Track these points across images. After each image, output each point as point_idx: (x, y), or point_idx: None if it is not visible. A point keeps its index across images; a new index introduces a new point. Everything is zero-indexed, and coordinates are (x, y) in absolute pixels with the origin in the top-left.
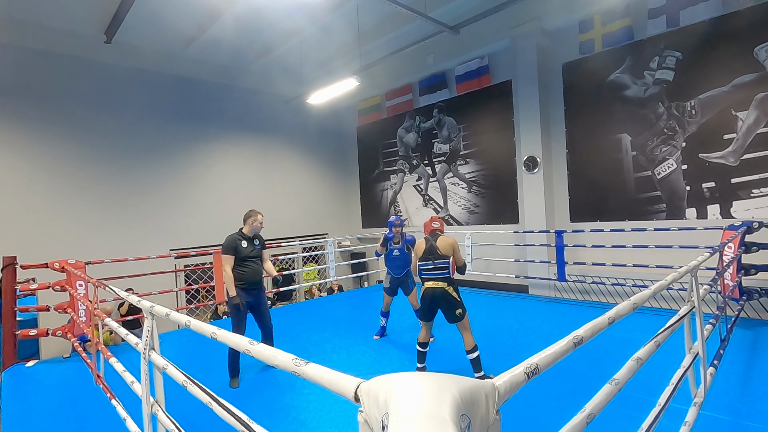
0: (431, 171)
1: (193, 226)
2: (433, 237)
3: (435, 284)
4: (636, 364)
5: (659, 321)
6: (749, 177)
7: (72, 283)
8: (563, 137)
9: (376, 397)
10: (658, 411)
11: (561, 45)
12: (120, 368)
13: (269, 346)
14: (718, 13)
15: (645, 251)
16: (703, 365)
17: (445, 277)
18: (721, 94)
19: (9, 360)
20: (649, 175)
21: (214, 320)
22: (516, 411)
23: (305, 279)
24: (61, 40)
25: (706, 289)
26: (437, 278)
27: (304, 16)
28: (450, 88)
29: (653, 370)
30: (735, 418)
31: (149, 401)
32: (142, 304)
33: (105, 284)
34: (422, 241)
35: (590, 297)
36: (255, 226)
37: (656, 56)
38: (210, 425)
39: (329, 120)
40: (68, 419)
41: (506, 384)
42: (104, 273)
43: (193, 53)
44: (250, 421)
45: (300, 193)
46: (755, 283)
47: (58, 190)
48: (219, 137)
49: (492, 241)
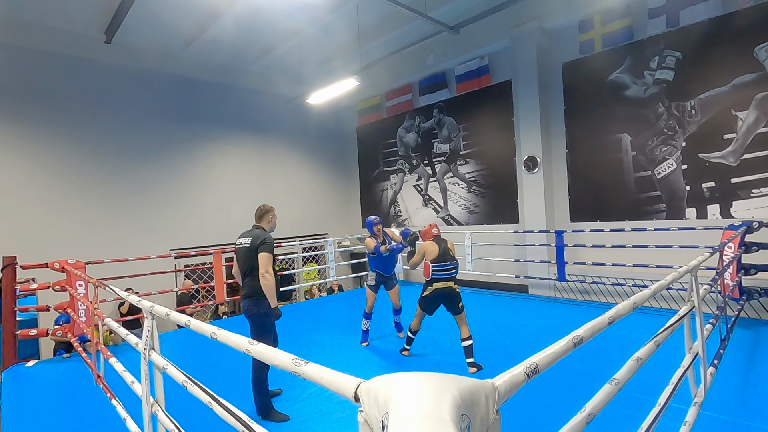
0: (431, 171)
1: (193, 226)
2: (441, 240)
3: (446, 284)
4: (636, 364)
5: (659, 321)
6: (749, 177)
7: (72, 283)
8: (563, 137)
9: (376, 397)
10: (658, 411)
11: (561, 45)
12: (120, 368)
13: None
14: (718, 13)
15: (645, 251)
16: (703, 365)
17: (454, 276)
18: (721, 94)
19: (9, 360)
20: (649, 175)
21: (214, 320)
22: (516, 411)
23: (305, 279)
24: (61, 40)
25: (706, 289)
26: (450, 278)
27: (304, 16)
28: (450, 88)
29: (653, 370)
30: (735, 418)
31: (149, 401)
32: (142, 304)
33: (105, 284)
34: (431, 244)
35: (590, 297)
36: (274, 223)
37: (656, 56)
38: (210, 425)
39: (329, 120)
40: (68, 419)
41: (506, 384)
42: (104, 273)
43: (193, 53)
44: (250, 421)
45: (300, 193)
46: (755, 283)
47: (58, 190)
48: (219, 137)
49: (492, 241)
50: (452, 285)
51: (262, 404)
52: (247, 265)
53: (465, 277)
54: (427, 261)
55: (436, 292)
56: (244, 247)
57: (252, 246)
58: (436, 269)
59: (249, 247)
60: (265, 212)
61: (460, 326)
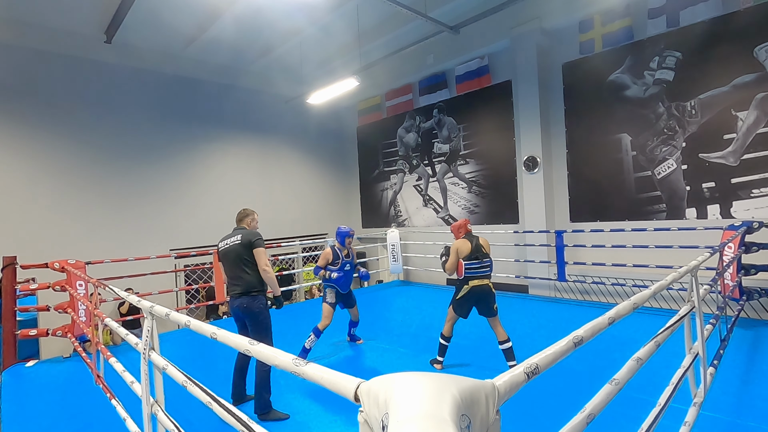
0: (431, 171)
1: (193, 226)
2: (473, 237)
3: (482, 281)
4: (636, 364)
5: (659, 321)
6: (749, 177)
7: (72, 283)
8: (563, 137)
9: (376, 397)
10: (658, 411)
11: (561, 45)
12: (120, 368)
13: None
14: (718, 13)
15: (645, 251)
16: (703, 365)
17: (489, 274)
18: (721, 94)
19: (9, 360)
20: (649, 175)
21: (214, 320)
22: (516, 411)
23: (305, 279)
24: (61, 40)
25: (706, 289)
26: (485, 276)
27: (304, 16)
28: (450, 88)
29: (653, 370)
30: (735, 418)
31: (149, 401)
32: (142, 304)
33: (105, 284)
34: (463, 242)
35: (590, 297)
36: (254, 227)
37: (656, 56)
38: (210, 425)
39: (329, 120)
40: (68, 419)
41: (506, 384)
42: (104, 273)
43: (193, 53)
44: (250, 421)
45: (300, 193)
46: (755, 283)
47: (58, 190)
48: (219, 137)
49: (492, 241)
50: (488, 283)
51: (264, 403)
52: (239, 262)
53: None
54: (460, 259)
55: (473, 291)
56: (234, 246)
57: (243, 242)
58: (469, 267)
59: (240, 244)
60: (245, 215)
61: (496, 329)
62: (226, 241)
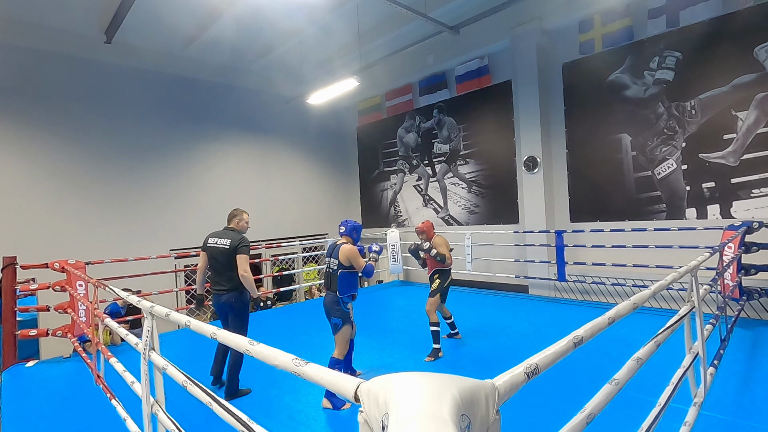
0: (431, 171)
1: (193, 226)
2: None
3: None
4: (636, 364)
5: (659, 321)
6: (749, 177)
7: (72, 283)
8: (563, 137)
9: (376, 397)
10: (658, 411)
11: (561, 45)
12: (120, 368)
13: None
14: (718, 13)
15: (645, 251)
16: (703, 365)
17: None
18: (721, 94)
19: (9, 360)
20: (649, 175)
21: (214, 320)
22: (516, 411)
23: (305, 279)
24: (61, 40)
25: (706, 289)
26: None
27: (304, 16)
28: (450, 88)
29: (653, 370)
30: (735, 418)
31: (149, 401)
32: (142, 304)
33: (105, 284)
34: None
35: (590, 297)
36: (243, 226)
37: (656, 56)
38: (210, 425)
39: (329, 120)
40: (68, 419)
41: (506, 384)
42: (104, 273)
43: (193, 53)
44: (250, 421)
45: (300, 193)
46: (755, 283)
47: (58, 190)
48: (219, 137)
49: (492, 241)
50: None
51: (235, 386)
52: (228, 265)
53: (465, 277)
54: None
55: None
56: (222, 248)
57: (231, 247)
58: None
59: (228, 248)
60: (233, 216)
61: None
62: (216, 240)
